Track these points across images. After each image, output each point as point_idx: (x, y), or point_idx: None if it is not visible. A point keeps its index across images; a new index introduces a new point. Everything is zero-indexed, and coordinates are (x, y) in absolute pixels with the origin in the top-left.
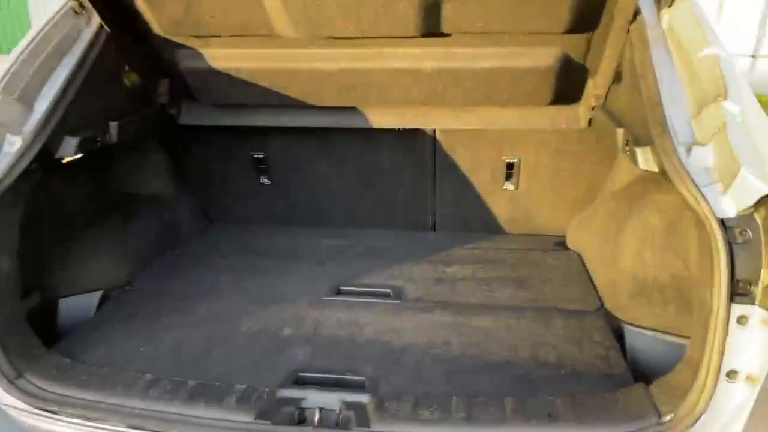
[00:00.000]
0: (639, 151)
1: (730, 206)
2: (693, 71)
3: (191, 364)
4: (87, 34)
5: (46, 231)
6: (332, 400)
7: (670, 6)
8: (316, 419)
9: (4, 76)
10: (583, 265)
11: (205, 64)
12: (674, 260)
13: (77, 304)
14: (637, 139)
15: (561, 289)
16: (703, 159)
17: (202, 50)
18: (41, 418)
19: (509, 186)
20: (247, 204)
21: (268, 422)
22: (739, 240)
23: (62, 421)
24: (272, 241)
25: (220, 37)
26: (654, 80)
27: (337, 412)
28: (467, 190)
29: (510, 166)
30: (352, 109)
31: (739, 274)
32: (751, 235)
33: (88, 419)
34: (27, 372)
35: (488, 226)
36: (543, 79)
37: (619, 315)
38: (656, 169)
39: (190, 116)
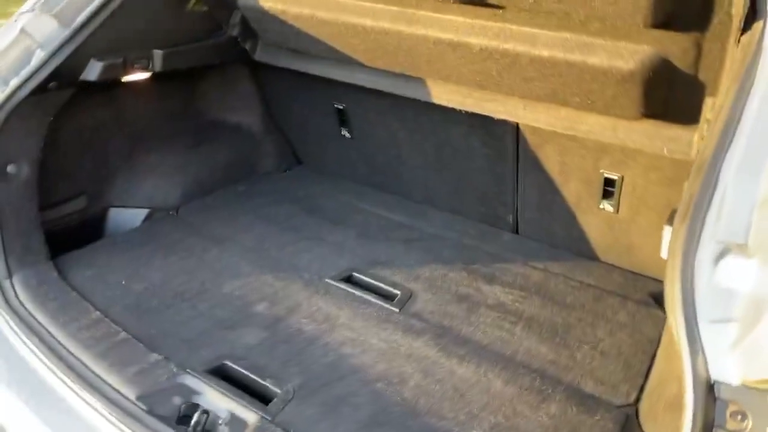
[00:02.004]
0: (665, 232)
1: (733, 367)
2: None
3: (145, 313)
4: None
5: (110, 142)
6: (224, 406)
7: None
8: (193, 420)
9: None
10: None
11: (254, 2)
12: None
13: (125, 216)
14: (673, 214)
15: (601, 359)
16: (733, 277)
17: None
18: (1, 322)
19: (607, 206)
20: (329, 153)
21: (145, 408)
22: (729, 426)
23: (10, 329)
24: (334, 198)
25: None
26: (723, 126)
27: (219, 422)
28: (555, 198)
29: (609, 182)
30: (415, 79)
31: None
32: (750, 425)
33: (26, 338)
34: (15, 276)
35: (577, 246)
36: (624, 85)
37: (644, 424)
38: None
39: (266, 54)
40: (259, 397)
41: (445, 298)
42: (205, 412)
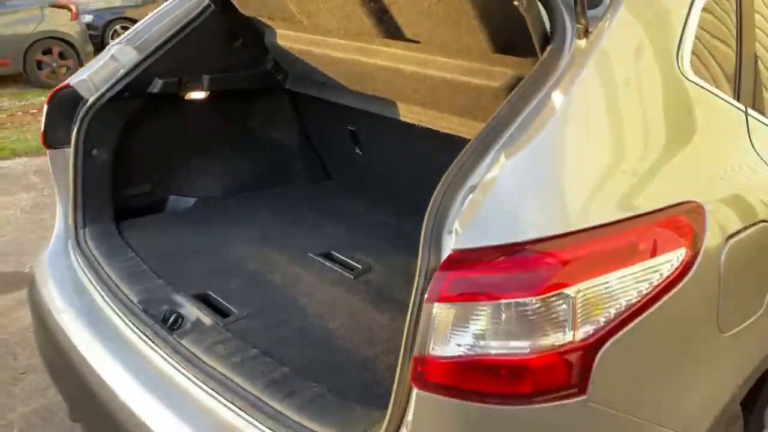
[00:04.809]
0: None
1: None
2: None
3: (165, 257)
4: (198, 8)
5: (175, 145)
6: (194, 314)
7: (585, 36)
8: (170, 320)
9: (135, 29)
10: None
11: (275, 40)
12: None
13: (179, 203)
14: None
15: None
16: (468, 204)
17: (275, 28)
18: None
19: None
20: (348, 169)
21: (141, 308)
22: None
23: (76, 258)
24: (346, 206)
25: (275, 19)
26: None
27: (189, 323)
28: None
29: None
30: (387, 100)
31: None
32: None
33: (84, 264)
34: (87, 227)
35: None
36: (497, 101)
37: None
38: None
39: (294, 83)
40: (222, 314)
41: (395, 274)
42: (181, 316)
